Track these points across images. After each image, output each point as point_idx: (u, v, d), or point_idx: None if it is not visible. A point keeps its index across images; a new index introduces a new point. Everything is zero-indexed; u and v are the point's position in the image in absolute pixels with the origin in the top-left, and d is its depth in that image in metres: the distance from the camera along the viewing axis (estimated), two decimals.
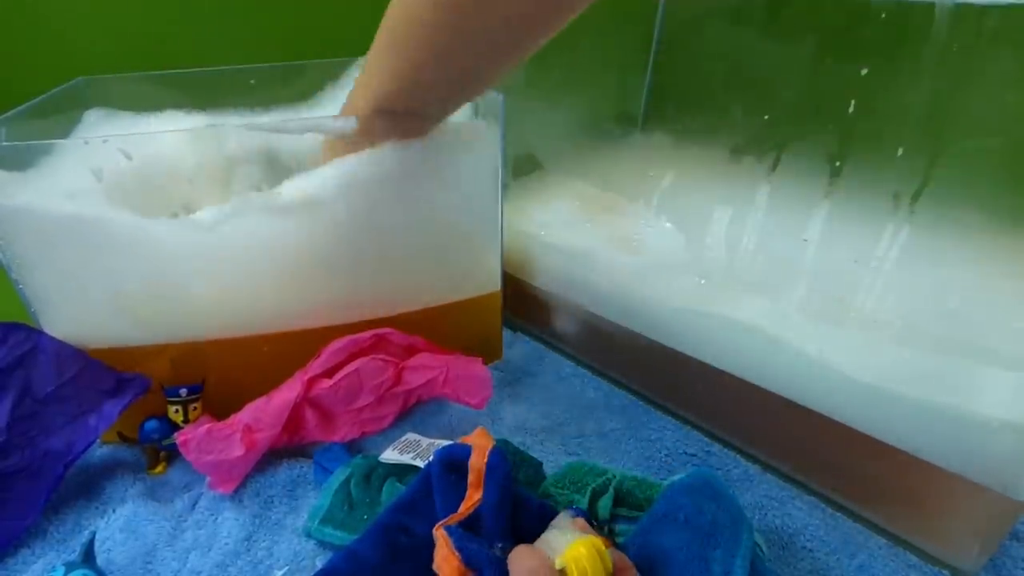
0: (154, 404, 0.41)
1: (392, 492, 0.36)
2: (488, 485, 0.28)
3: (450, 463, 0.30)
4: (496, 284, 0.48)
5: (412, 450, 0.37)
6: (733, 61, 0.54)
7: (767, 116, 0.48)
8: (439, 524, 0.27)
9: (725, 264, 0.44)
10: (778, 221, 0.45)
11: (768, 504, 0.38)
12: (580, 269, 0.48)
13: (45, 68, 0.64)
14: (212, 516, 0.38)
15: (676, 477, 0.33)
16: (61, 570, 0.31)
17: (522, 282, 0.52)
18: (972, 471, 0.32)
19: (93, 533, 0.34)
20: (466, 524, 0.27)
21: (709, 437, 0.44)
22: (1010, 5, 0.37)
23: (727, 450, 0.43)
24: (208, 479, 0.39)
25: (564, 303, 0.50)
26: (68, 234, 0.35)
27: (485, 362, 0.44)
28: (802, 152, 0.46)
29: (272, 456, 0.41)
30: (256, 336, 0.41)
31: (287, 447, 0.42)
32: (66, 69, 0.50)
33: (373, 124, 0.36)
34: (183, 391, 0.41)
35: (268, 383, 0.41)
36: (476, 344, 0.48)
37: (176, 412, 0.41)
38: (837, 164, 0.43)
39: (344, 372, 0.40)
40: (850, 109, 0.42)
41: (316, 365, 0.40)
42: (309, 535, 0.36)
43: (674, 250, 0.46)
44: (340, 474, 0.38)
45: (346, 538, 0.34)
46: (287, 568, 0.35)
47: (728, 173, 0.50)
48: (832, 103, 0.44)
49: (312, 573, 0.30)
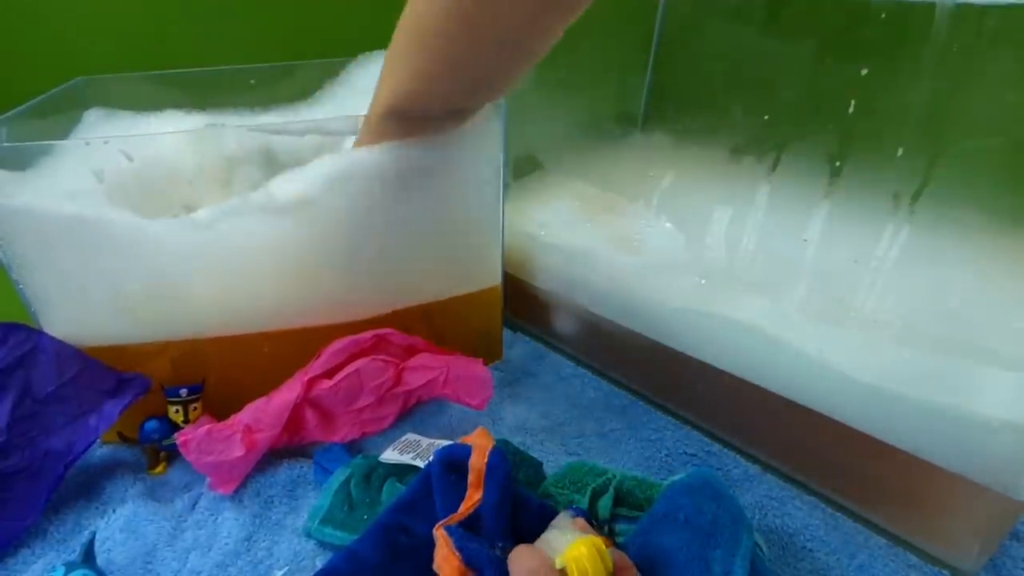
0: (154, 404, 0.41)
1: (392, 492, 0.36)
2: (488, 485, 0.28)
3: (450, 463, 0.30)
4: (497, 284, 0.48)
5: (412, 450, 0.37)
6: (733, 61, 0.54)
7: (767, 116, 0.48)
8: (439, 524, 0.27)
9: (725, 264, 0.44)
10: (778, 221, 0.45)
11: (768, 504, 0.38)
12: (580, 269, 0.48)
13: (45, 68, 0.64)
14: (212, 516, 0.38)
15: (676, 477, 0.33)
16: (61, 570, 0.31)
17: (522, 282, 0.52)
18: (972, 471, 0.32)
19: (93, 533, 0.34)
20: (466, 524, 0.27)
21: (709, 437, 0.44)
22: (1010, 5, 0.37)
23: (727, 450, 0.43)
24: (208, 479, 0.39)
25: (564, 303, 0.50)
26: (68, 234, 0.35)
27: (485, 362, 0.44)
28: (802, 152, 0.46)
29: (272, 456, 0.41)
30: (256, 335, 0.41)
31: (287, 447, 0.42)
32: (66, 69, 0.50)
33: (384, 126, 0.36)
34: (183, 391, 0.41)
35: (268, 383, 0.41)
36: (476, 344, 0.48)
37: (176, 412, 0.41)
38: (837, 164, 0.43)
39: (344, 373, 0.40)
40: (850, 109, 0.42)
41: (316, 365, 0.40)
42: (309, 535, 0.36)
43: (674, 250, 0.46)
44: (340, 474, 0.38)
45: (346, 538, 0.34)
46: (287, 568, 0.35)
47: (728, 173, 0.50)
48: (832, 103, 0.44)
49: (312, 573, 0.30)
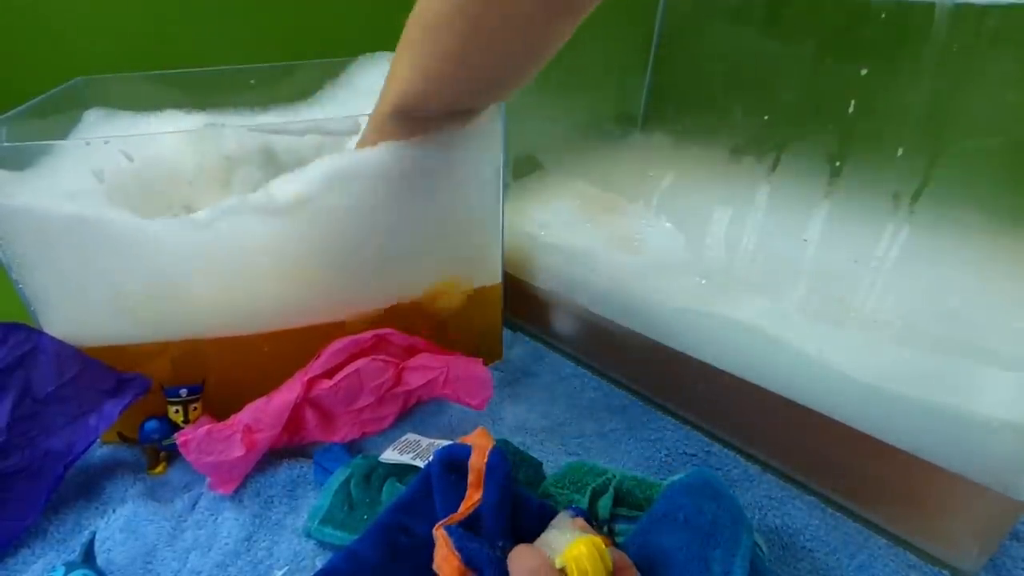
0: (154, 404, 0.41)
1: (392, 492, 0.36)
2: (488, 485, 0.28)
3: (450, 463, 0.30)
4: (497, 283, 0.48)
5: (412, 450, 0.37)
6: (733, 61, 0.54)
7: (767, 116, 0.48)
8: (439, 524, 0.27)
9: (725, 264, 0.44)
10: (778, 221, 0.45)
11: (768, 504, 0.38)
12: (580, 269, 0.48)
13: (45, 68, 0.64)
14: (212, 516, 0.38)
15: (676, 477, 0.33)
16: (61, 570, 0.31)
17: (522, 282, 0.52)
18: (972, 471, 0.32)
19: (93, 533, 0.34)
20: (466, 524, 0.27)
21: (709, 437, 0.44)
22: (1010, 5, 0.37)
23: (727, 450, 0.43)
24: (208, 479, 0.39)
25: (564, 303, 0.50)
26: (68, 234, 0.35)
27: (485, 362, 0.44)
28: (802, 152, 0.46)
29: (272, 456, 0.41)
30: (256, 335, 0.41)
31: (287, 447, 0.42)
32: (66, 69, 0.50)
33: (389, 125, 0.36)
34: (183, 391, 0.41)
35: (268, 383, 0.41)
36: (476, 344, 0.48)
37: (176, 412, 0.41)
38: (837, 164, 0.43)
39: (344, 373, 0.40)
40: (850, 109, 0.42)
41: (316, 365, 0.40)
42: (309, 535, 0.36)
43: (674, 250, 0.46)
44: (340, 474, 0.38)
45: (346, 538, 0.34)
46: (287, 568, 0.35)
47: (728, 173, 0.50)
48: (832, 103, 0.44)
49: (312, 573, 0.30)
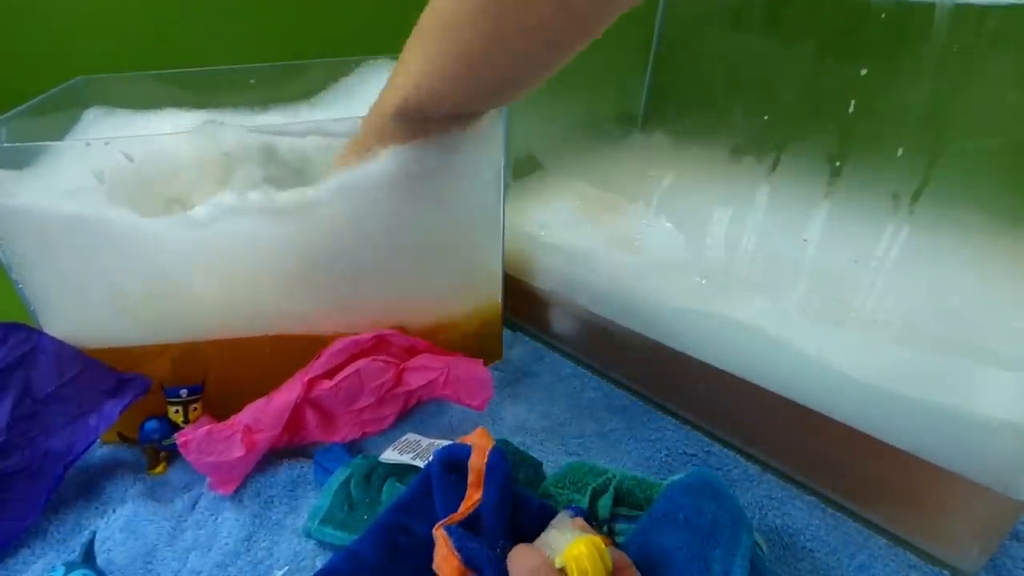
0: (154, 404, 0.41)
1: (392, 492, 0.36)
2: (488, 485, 0.28)
3: (450, 463, 0.30)
4: (497, 284, 0.48)
5: (412, 450, 0.37)
6: (733, 61, 0.54)
7: (767, 116, 0.48)
8: (439, 524, 0.27)
9: (725, 264, 0.44)
10: (778, 221, 0.45)
11: (768, 504, 0.38)
12: (580, 269, 0.48)
13: (45, 68, 0.64)
14: (212, 516, 0.38)
15: (676, 477, 0.33)
16: (61, 570, 0.31)
17: (522, 282, 0.52)
18: (972, 471, 0.32)
19: (93, 533, 0.34)
20: (466, 524, 0.27)
21: (709, 437, 0.44)
22: (1010, 5, 0.37)
23: (727, 450, 0.43)
24: (208, 480, 0.39)
25: (564, 303, 0.50)
26: (68, 233, 0.35)
27: (485, 362, 0.44)
28: (802, 152, 0.45)
29: (272, 456, 0.41)
30: (257, 337, 0.41)
31: (287, 447, 0.42)
32: (66, 69, 0.50)
33: (391, 127, 0.36)
34: (183, 391, 0.41)
35: (269, 384, 0.41)
36: (476, 344, 0.48)
37: (176, 412, 0.41)
38: (837, 164, 0.43)
39: (345, 373, 0.40)
40: (850, 109, 0.42)
41: (317, 366, 0.40)
42: (309, 535, 0.36)
43: (674, 250, 0.46)
44: (340, 474, 0.38)
45: (346, 538, 0.34)
46: (287, 568, 0.35)
47: (728, 173, 0.50)
48: (832, 103, 0.44)
49: (312, 573, 0.30)
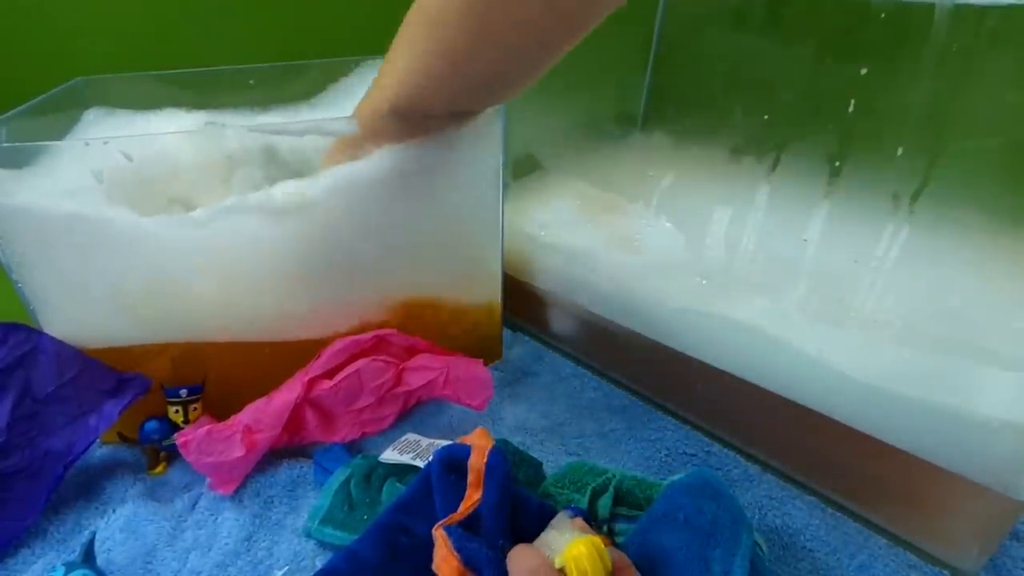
0: (154, 404, 0.41)
1: (392, 492, 0.36)
2: (488, 485, 0.28)
3: (450, 463, 0.30)
4: (497, 284, 0.48)
5: (412, 450, 0.37)
6: (733, 61, 0.54)
7: (767, 116, 0.48)
8: (438, 524, 0.27)
9: (725, 264, 0.44)
10: (778, 221, 0.45)
11: (768, 504, 0.38)
12: (580, 269, 0.48)
13: (45, 68, 0.64)
14: (212, 516, 0.38)
15: (676, 477, 0.33)
16: (61, 570, 0.31)
17: (522, 282, 0.52)
18: (972, 471, 0.32)
19: (93, 533, 0.34)
20: (466, 524, 0.27)
21: (709, 437, 0.44)
22: (1010, 5, 0.37)
23: (727, 450, 0.43)
24: (208, 480, 0.39)
25: (564, 303, 0.50)
26: (67, 232, 0.35)
27: (485, 362, 0.44)
28: (802, 152, 0.45)
29: (272, 456, 0.41)
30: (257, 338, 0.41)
31: (287, 447, 0.42)
32: (66, 69, 0.50)
33: (386, 124, 0.36)
34: (183, 392, 0.41)
35: (269, 384, 0.41)
36: (476, 344, 0.48)
37: (176, 413, 0.41)
38: (837, 164, 0.43)
39: (345, 373, 0.40)
40: (850, 109, 0.42)
41: (316, 366, 0.40)
42: (309, 535, 0.36)
43: (674, 250, 0.46)
44: (340, 474, 0.38)
45: (346, 538, 0.34)
46: (287, 568, 0.35)
47: (728, 173, 0.50)
48: (832, 103, 0.44)
49: (312, 573, 0.30)
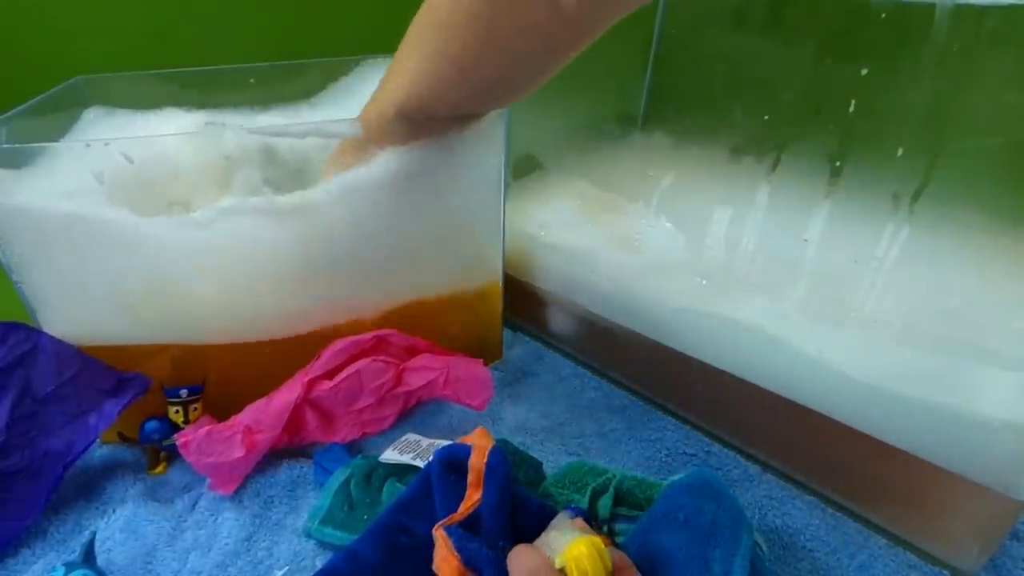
0: (154, 404, 0.41)
1: (392, 492, 0.36)
2: (488, 485, 0.28)
3: (450, 463, 0.30)
4: (497, 284, 0.48)
5: (412, 450, 0.37)
6: (733, 61, 0.54)
7: (767, 116, 0.48)
8: (439, 524, 0.27)
9: (725, 264, 0.44)
10: (778, 221, 0.45)
11: (768, 504, 0.38)
12: (580, 269, 0.48)
13: (45, 68, 0.64)
14: (212, 516, 0.38)
15: (676, 477, 0.33)
16: (61, 570, 0.31)
17: (522, 282, 0.52)
18: (972, 471, 0.32)
19: (93, 533, 0.34)
20: (466, 524, 0.27)
21: (709, 437, 0.44)
22: (1010, 5, 0.37)
23: (727, 450, 0.43)
24: (208, 480, 0.39)
25: (564, 303, 0.50)
26: (67, 232, 0.35)
27: (485, 362, 0.44)
28: (802, 152, 0.45)
29: (272, 456, 0.41)
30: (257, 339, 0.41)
31: (287, 448, 0.42)
32: (66, 69, 0.50)
33: (393, 127, 0.36)
34: (183, 392, 0.41)
35: (269, 384, 0.41)
36: (476, 344, 0.48)
37: (176, 413, 0.41)
38: (837, 164, 0.43)
39: (345, 373, 0.40)
40: (850, 109, 0.42)
41: (317, 366, 0.40)
42: (309, 535, 0.36)
43: (674, 250, 0.46)
44: (340, 474, 0.38)
45: (346, 538, 0.34)
46: (287, 568, 0.35)
47: (728, 173, 0.50)
48: (832, 103, 0.44)
49: (312, 573, 0.30)
